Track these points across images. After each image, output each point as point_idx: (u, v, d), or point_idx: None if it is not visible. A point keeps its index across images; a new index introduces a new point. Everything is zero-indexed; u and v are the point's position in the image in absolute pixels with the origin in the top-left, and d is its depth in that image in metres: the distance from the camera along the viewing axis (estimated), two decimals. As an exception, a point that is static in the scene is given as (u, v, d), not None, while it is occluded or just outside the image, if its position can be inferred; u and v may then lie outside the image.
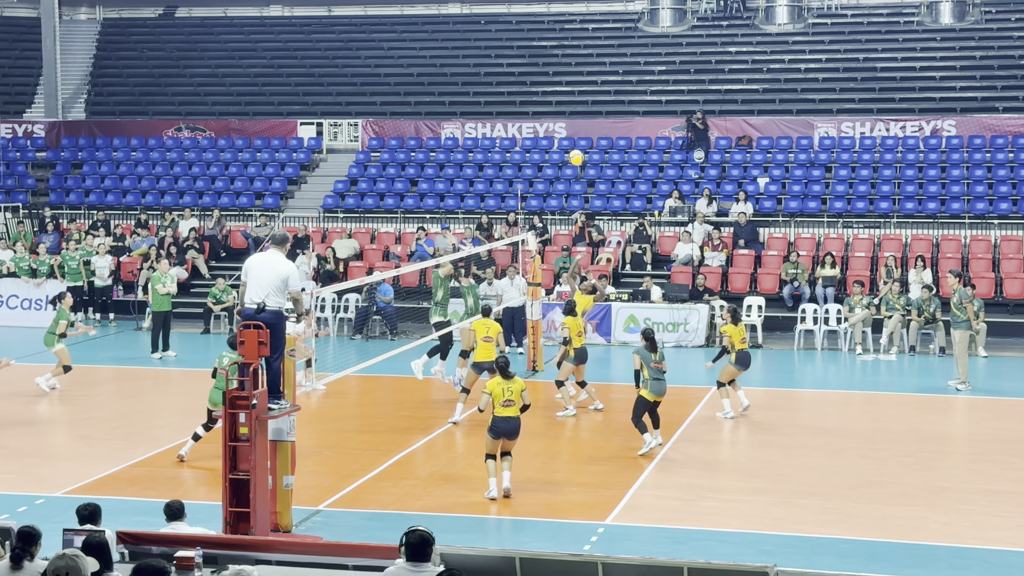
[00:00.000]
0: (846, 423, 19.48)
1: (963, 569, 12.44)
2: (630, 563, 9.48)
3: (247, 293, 13.10)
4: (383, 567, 8.73)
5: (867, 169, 32.22)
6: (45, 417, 19.75)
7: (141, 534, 10.36)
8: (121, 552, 10.02)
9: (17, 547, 8.64)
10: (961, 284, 23.29)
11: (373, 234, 32.29)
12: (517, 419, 14.98)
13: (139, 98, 39.01)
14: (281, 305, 13.06)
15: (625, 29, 38.20)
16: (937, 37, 35.97)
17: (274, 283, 12.98)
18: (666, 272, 29.39)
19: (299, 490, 14.17)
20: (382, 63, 38.47)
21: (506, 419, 14.89)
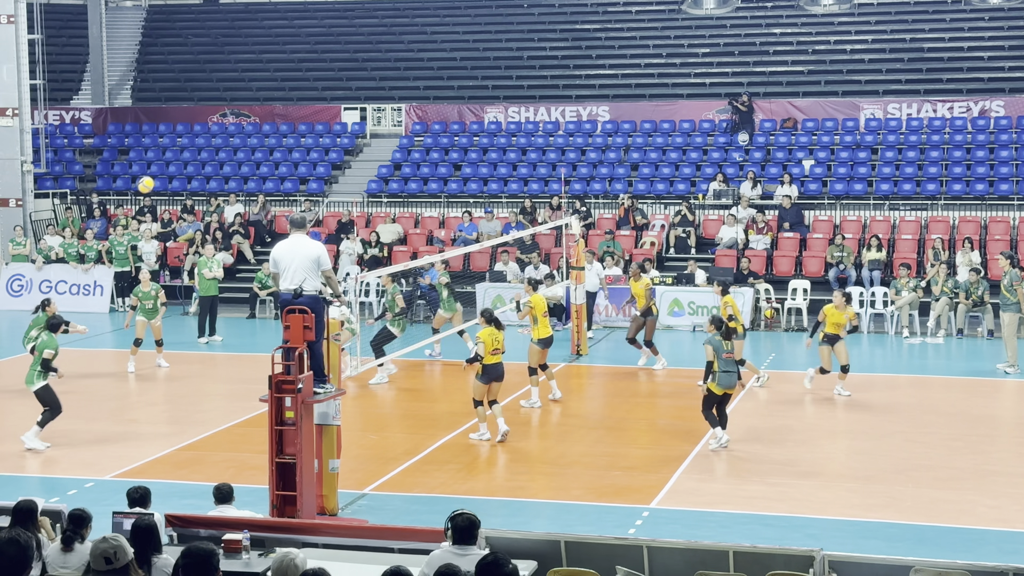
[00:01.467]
0: (893, 406, 19.34)
1: (1012, 553, 12.33)
2: (675, 547, 9.48)
3: (282, 281, 13.16)
4: (429, 550, 8.77)
5: (914, 151, 31.92)
6: (93, 401, 19.94)
7: (189, 517, 10.47)
8: (170, 535, 10.14)
9: (68, 529, 8.76)
10: (1011, 266, 23.05)
11: (417, 218, 32.35)
12: (502, 364, 16.88)
13: (184, 84, 39.24)
14: (318, 288, 13.11)
15: (668, 11, 38.00)
16: (985, 16, 35.55)
17: (306, 265, 13.03)
18: (710, 255, 29.27)
19: (345, 474, 14.25)
20: (425, 47, 38.48)
21: (495, 365, 16.74)
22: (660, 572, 9.31)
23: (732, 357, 16.32)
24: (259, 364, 17.38)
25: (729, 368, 16.21)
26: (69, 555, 8.49)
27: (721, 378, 16.18)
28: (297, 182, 34.48)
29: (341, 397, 13.68)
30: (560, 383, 20.11)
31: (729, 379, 16.25)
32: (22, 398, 18.14)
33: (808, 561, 9.05)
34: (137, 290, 22.62)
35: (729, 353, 16.26)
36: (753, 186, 30.95)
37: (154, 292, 22.48)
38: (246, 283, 29.37)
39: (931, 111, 32.94)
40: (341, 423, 13.80)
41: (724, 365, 16.17)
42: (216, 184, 34.71)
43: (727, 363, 16.19)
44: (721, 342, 16.21)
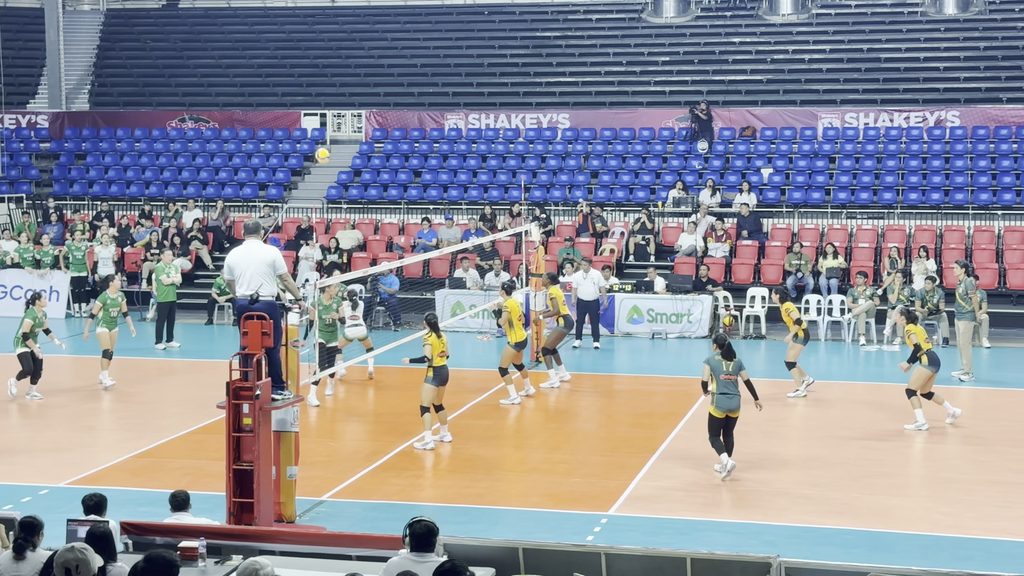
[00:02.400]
0: (849, 414, 19.47)
1: (966, 560, 12.44)
2: (633, 554, 9.50)
3: (238, 287, 13.11)
4: (386, 557, 8.75)
5: (871, 160, 32.19)
6: (49, 407, 19.76)
7: (145, 525, 10.39)
8: (125, 543, 10.06)
9: (20, 537, 8.67)
10: (966, 275, 23.28)
11: (376, 225, 32.30)
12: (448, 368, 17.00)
13: (143, 89, 39.01)
14: (274, 293, 13.07)
15: (628, 20, 38.15)
16: (941, 27, 35.91)
17: (261, 270, 12.99)
18: (670, 263, 29.39)
19: (303, 480, 14.20)
20: (386, 54, 38.44)
21: (444, 367, 16.84)
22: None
23: (732, 379, 15.36)
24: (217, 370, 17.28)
25: (728, 390, 15.32)
26: (21, 563, 8.41)
27: (719, 400, 15.31)
28: (256, 188, 34.34)
29: (299, 403, 13.63)
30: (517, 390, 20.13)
31: (728, 401, 15.32)
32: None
33: (765, 568, 9.10)
34: (104, 296, 21.83)
35: (728, 375, 15.33)
36: (712, 194, 31.11)
37: (121, 299, 21.94)
38: (204, 289, 29.22)
39: (888, 121, 33.24)
40: (299, 430, 13.76)
41: (722, 387, 15.30)
42: (174, 189, 34.52)
43: (725, 384, 15.30)
44: (721, 362, 15.35)
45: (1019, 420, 19.03)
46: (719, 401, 15.35)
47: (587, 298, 25.96)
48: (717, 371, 15.36)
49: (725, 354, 15.43)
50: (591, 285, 26.06)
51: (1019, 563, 12.41)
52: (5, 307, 29.63)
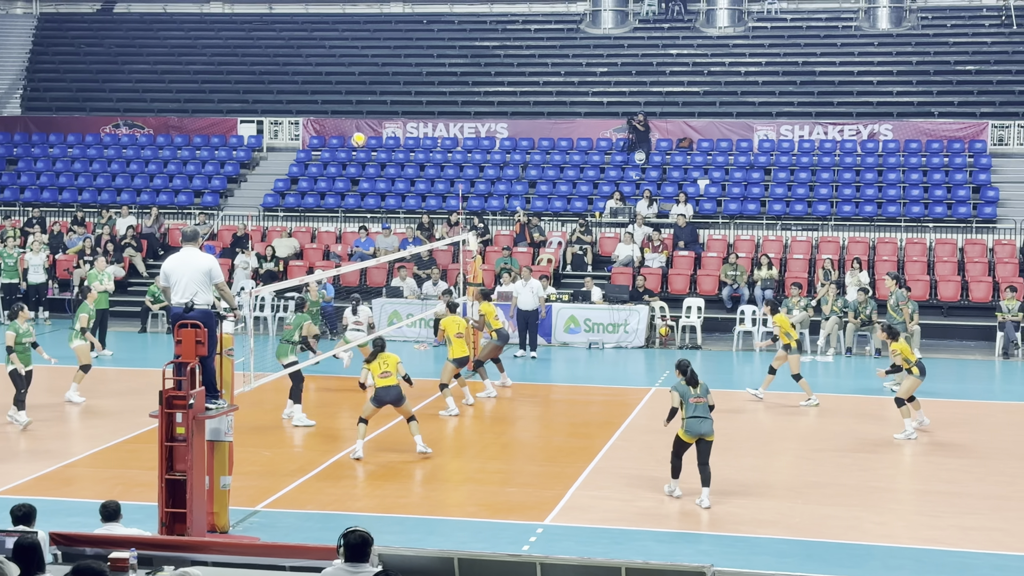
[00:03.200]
0: (783, 424, 19.64)
1: (897, 568, 12.59)
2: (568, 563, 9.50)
3: (173, 295, 12.99)
4: (321, 568, 8.69)
5: (805, 172, 32.53)
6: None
7: (75, 535, 10.24)
8: (54, 553, 9.90)
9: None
10: (897, 286, 23.56)
11: (313, 233, 32.15)
12: (397, 387, 16.79)
13: (76, 94, 38.56)
14: (209, 302, 12.96)
15: (567, 30, 38.30)
16: (875, 42, 36.39)
17: (197, 279, 12.88)
18: (606, 273, 29.50)
19: (237, 490, 14.07)
20: (324, 62, 38.30)
21: (387, 388, 16.71)
22: (553, 589, 9.32)
23: (702, 402, 14.96)
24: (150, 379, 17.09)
25: (700, 413, 14.91)
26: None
27: (689, 424, 14.89)
28: (192, 195, 34.05)
29: (234, 413, 13.52)
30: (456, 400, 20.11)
31: (699, 425, 14.89)
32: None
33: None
34: (84, 306, 21.05)
35: (698, 397, 14.96)
36: (649, 204, 31.29)
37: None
38: (138, 297, 28.92)
39: (822, 133, 33.62)
40: (233, 439, 13.64)
41: (692, 411, 14.90)
42: (108, 196, 34.15)
43: (696, 408, 14.92)
44: (688, 388, 15.01)
45: (949, 431, 19.29)
46: (689, 425, 14.92)
47: (526, 307, 26.01)
48: (686, 396, 15.01)
49: (690, 380, 15.06)
50: (530, 294, 26.11)
51: (948, 571, 12.57)
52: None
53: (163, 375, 12.53)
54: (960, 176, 31.82)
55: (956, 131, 33.04)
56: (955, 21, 36.67)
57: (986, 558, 13.03)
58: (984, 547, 13.38)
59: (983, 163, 32.10)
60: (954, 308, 28.27)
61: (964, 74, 34.82)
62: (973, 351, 27.00)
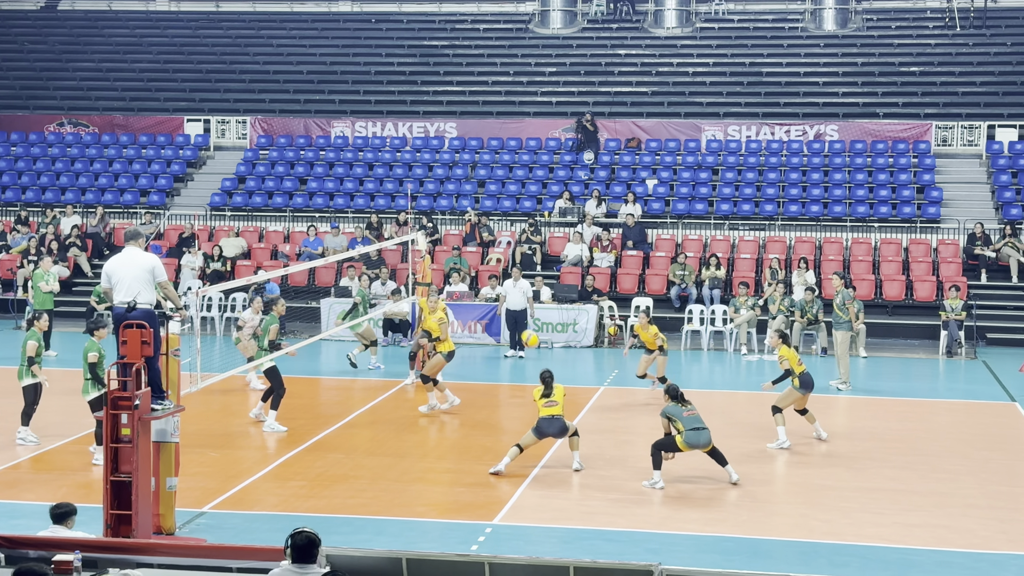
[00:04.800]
0: (730, 423, 19.74)
1: (842, 566, 12.69)
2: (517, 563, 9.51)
3: (115, 295, 12.88)
4: (268, 569, 8.66)
5: (752, 172, 32.76)
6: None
7: (17, 538, 10.13)
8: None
9: None
10: (843, 286, 23.79)
11: (261, 233, 31.98)
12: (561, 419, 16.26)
13: (19, 92, 38.12)
14: (152, 301, 12.85)
15: (516, 30, 38.34)
16: (820, 43, 36.70)
17: (141, 277, 12.77)
18: (556, 272, 29.56)
19: (183, 492, 13.96)
20: (272, 60, 38.10)
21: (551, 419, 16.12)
22: (501, 588, 9.33)
23: (695, 414, 15.46)
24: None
25: (697, 425, 15.39)
26: None
27: (688, 436, 15.35)
28: (138, 194, 33.77)
29: (180, 414, 13.41)
30: (405, 399, 20.08)
31: (698, 437, 15.38)
32: None
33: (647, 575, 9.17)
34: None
35: (691, 411, 15.44)
36: (598, 204, 31.38)
37: None
38: (83, 297, 28.62)
39: (769, 134, 33.86)
40: (179, 440, 13.53)
41: (690, 423, 15.37)
42: (52, 195, 33.80)
43: (692, 420, 15.38)
44: (677, 406, 15.46)
45: (894, 429, 19.49)
46: (688, 437, 15.34)
47: (515, 308, 26.03)
48: (678, 414, 15.41)
49: (680, 400, 15.53)
50: (519, 294, 26.14)
51: (892, 568, 12.70)
52: None
53: (108, 376, 12.40)
54: (905, 176, 32.16)
55: (901, 132, 33.39)
56: (900, 23, 37.06)
57: (929, 554, 13.18)
58: (928, 543, 13.53)
59: (927, 163, 32.47)
60: (899, 307, 28.58)
61: (908, 75, 35.20)
62: (917, 350, 27.30)
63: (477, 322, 27.40)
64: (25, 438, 17.29)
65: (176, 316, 13.38)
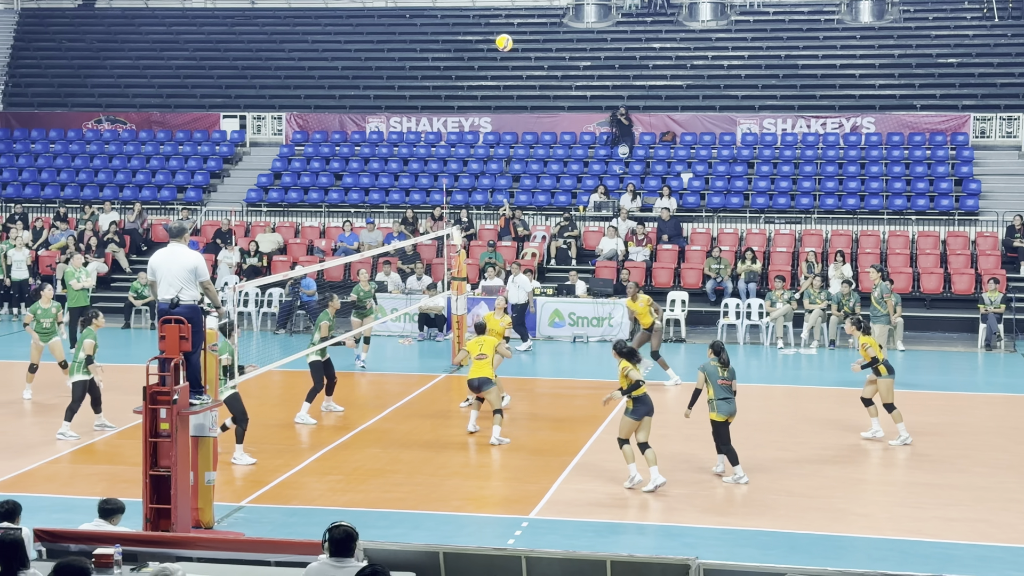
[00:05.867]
0: (767, 416, 19.68)
1: (880, 560, 12.63)
2: (553, 557, 9.51)
3: (159, 290, 12.97)
4: (306, 563, 8.69)
5: (788, 165, 32.60)
6: (-39, 414, 19.38)
7: (59, 532, 10.22)
8: (39, 550, 9.89)
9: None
10: (881, 279, 23.64)
11: (297, 228, 32.10)
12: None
13: (58, 90, 38.42)
14: (196, 298, 12.94)
15: (550, 24, 38.28)
16: (857, 35, 36.46)
17: (183, 276, 12.85)
18: (591, 267, 29.53)
19: (221, 486, 14.06)
20: (306, 56, 38.21)
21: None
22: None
23: (728, 384, 15.45)
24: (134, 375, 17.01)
25: (726, 395, 15.41)
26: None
27: (720, 405, 15.37)
28: (175, 190, 33.97)
29: (218, 408, 13.50)
30: (440, 394, 20.12)
31: (729, 406, 15.42)
32: None
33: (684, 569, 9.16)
34: (36, 307, 20.33)
35: (725, 380, 15.44)
36: (633, 198, 31.32)
37: (54, 310, 20.49)
38: (121, 293, 28.84)
39: (805, 127, 33.69)
40: (218, 435, 13.62)
41: (720, 392, 15.36)
42: (91, 192, 34.05)
43: (723, 389, 15.38)
44: (717, 368, 15.42)
45: (931, 423, 19.36)
46: (720, 406, 15.36)
47: (515, 301, 26.00)
48: (714, 376, 15.38)
49: (723, 361, 15.47)
50: (516, 289, 26.16)
51: (932, 563, 12.62)
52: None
53: (147, 371, 12.50)
54: (942, 169, 31.92)
55: (938, 124, 33.14)
56: (937, 14, 36.77)
57: (969, 549, 13.10)
58: (967, 538, 13.45)
59: (965, 155, 32.21)
60: (937, 300, 28.38)
61: (946, 67, 34.93)
62: (956, 343, 27.10)
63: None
64: (65, 433, 17.41)
65: (213, 312, 13.47)
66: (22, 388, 20.67)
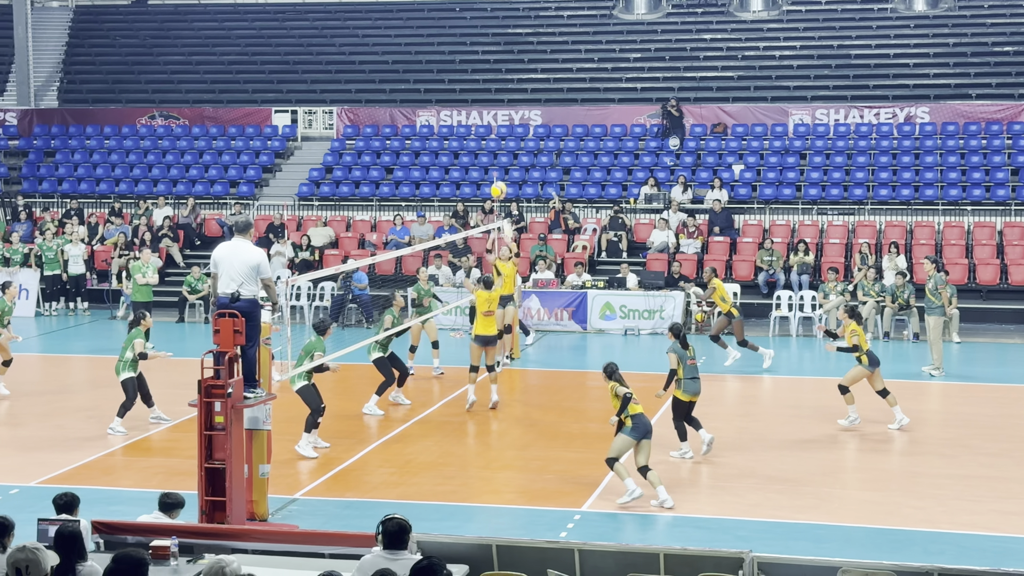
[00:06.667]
0: (820, 409, 19.55)
1: (937, 554, 12.51)
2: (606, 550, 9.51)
3: (219, 284, 13.05)
4: (360, 555, 8.73)
5: (841, 156, 32.33)
6: (20, 407, 19.64)
7: (116, 524, 10.34)
8: (96, 542, 10.00)
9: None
10: (936, 270, 23.41)
11: (348, 222, 32.24)
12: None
13: (112, 86, 38.80)
14: (255, 293, 13.01)
15: (600, 16, 38.18)
16: (911, 24, 36.08)
17: (244, 272, 12.91)
18: (642, 259, 29.45)
19: (275, 478, 14.15)
20: (357, 50, 38.35)
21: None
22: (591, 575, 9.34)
23: (696, 364, 16.21)
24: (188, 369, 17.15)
25: (694, 375, 16.11)
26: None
27: (688, 385, 16.03)
28: (227, 185, 34.21)
29: (271, 401, 13.58)
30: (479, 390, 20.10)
31: (695, 385, 16.11)
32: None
33: (738, 563, 9.13)
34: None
35: (693, 360, 16.14)
36: (684, 190, 31.19)
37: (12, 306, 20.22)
38: (175, 287, 29.09)
39: (858, 117, 33.39)
40: (271, 428, 13.71)
41: (689, 372, 16.02)
42: (144, 187, 34.36)
43: (691, 370, 16.06)
44: (684, 350, 16.05)
45: (988, 415, 19.16)
46: (688, 386, 16.02)
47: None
48: (684, 358, 16.02)
49: (683, 342, 16.10)
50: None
51: (989, 557, 12.49)
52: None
53: (201, 364, 12.59)
54: (998, 158, 31.53)
55: (994, 113, 32.74)
56: (992, 1, 36.31)
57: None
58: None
59: (1022, 145, 31.80)
60: (993, 291, 28.05)
61: (1002, 55, 34.49)
62: (1012, 335, 26.78)
63: (563, 309, 27.39)
64: (115, 428, 17.51)
65: (266, 306, 13.53)
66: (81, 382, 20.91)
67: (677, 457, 16.10)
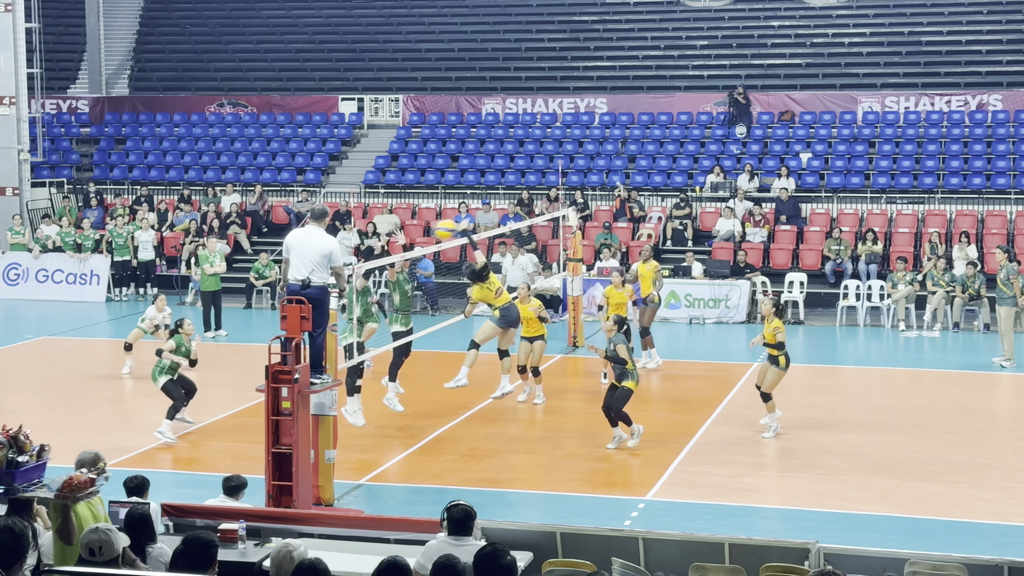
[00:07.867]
0: (889, 400, 19.37)
1: (1007, 547, 12.36)
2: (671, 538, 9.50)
3: (290, 270, 13.14)
4: (424, 541, 8.78)
5: (911, 144, 31.92)
6: (91, 391, 19.93)
7: (186, 507, 10.48)
8: (166, 524, 10.15)
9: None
10: (1008, 260, 23.07)
11: (414, 209, 32.36)
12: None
13: (181, 73, 39.19)
14: (325, 280, 13.11)
15: (667, 3, 37.94)
16: (984, 10, 35.51)
17: (316, 259, 13.01)
18: (707, 248, 29.28)
19: (341, 464, 14.26)
20: (423, 38, 38.43)
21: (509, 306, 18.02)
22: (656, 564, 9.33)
23: None
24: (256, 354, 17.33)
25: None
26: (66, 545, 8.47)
27: (636, 375, 16.27)
28: (294, 172, 34.46)
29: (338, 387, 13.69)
30: (556, 375, 20.12)
31: (638, 375, 16.46)
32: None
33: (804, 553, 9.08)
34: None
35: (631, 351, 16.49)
36: (750, 179, 30.97)
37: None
38: (243, 273, 29.35)
39: (929, 105, 32.95)
40: (338, 413, 13.82)
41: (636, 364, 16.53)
42: (213, 174, 34.69)
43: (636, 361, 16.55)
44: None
45: (1061, 407, 18.88)
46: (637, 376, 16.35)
47: (515, 284, 25.34)
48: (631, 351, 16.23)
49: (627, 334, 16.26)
50: (519, 271, 25.87)
51: (1060, 551, 12.32)
52: (48, 291, 29.93)
53: (268, 350, 12.70)
54: (1072, 147, 31.00)
55: (1069, 100, 32.17)
56: (1068, -13, 35.65)
57: (1100, 537, 12.75)
58: (1097, 526, 13.09)
59: (1096, 133, 31.24)
60: (1066, 282, 27.57)
61: (1077, 42, 33.86)
62: (1086, 326, 26.33)
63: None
64: (163, 432, 16.59)
65: (334, 293, 13.63)
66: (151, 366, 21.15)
67: (613, 446, 16.15)
